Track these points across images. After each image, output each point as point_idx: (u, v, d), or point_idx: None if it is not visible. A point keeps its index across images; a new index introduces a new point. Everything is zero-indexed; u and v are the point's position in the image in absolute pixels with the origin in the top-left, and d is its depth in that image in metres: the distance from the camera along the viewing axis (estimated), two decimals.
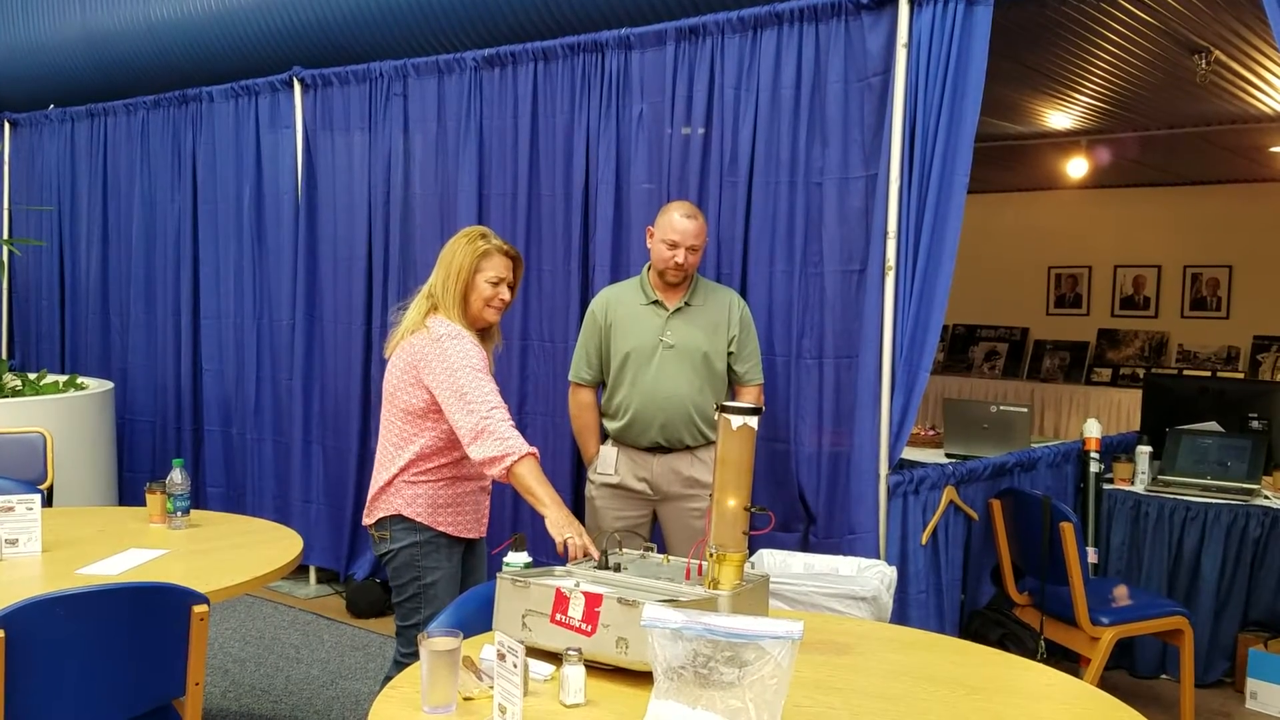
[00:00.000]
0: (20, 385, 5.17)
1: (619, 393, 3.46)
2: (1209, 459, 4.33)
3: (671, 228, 3.36)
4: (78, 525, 3.22)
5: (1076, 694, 2.05)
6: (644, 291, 3.48)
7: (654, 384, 3.40)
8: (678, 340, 3.41)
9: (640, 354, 3.42)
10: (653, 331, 3.43)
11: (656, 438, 3.42)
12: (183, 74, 5.66)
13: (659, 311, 3.44)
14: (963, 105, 3.39)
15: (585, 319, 3.59)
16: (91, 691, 2.26)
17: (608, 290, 3.62)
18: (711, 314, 3.47)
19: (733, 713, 1.72)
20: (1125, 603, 3.74)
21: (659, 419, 3.40)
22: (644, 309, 3.46)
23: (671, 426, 3.42)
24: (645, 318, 3.45)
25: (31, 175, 6.52)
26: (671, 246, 3.35)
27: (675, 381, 3.39)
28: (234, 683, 4.03)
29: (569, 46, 4.29)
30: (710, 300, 3.49)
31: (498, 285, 2.88)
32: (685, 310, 3.44)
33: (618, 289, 3.60)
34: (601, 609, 1.94)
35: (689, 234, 3.35)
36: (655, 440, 3.43)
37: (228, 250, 5.47)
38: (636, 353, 3.43)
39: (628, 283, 3.60)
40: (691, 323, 3.44)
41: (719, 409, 2.26)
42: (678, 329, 3.42)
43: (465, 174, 4.61)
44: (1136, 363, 8.91)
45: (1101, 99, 5.85)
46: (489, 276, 2.86)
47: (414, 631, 2.81)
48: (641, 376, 3.41)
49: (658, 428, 3.41)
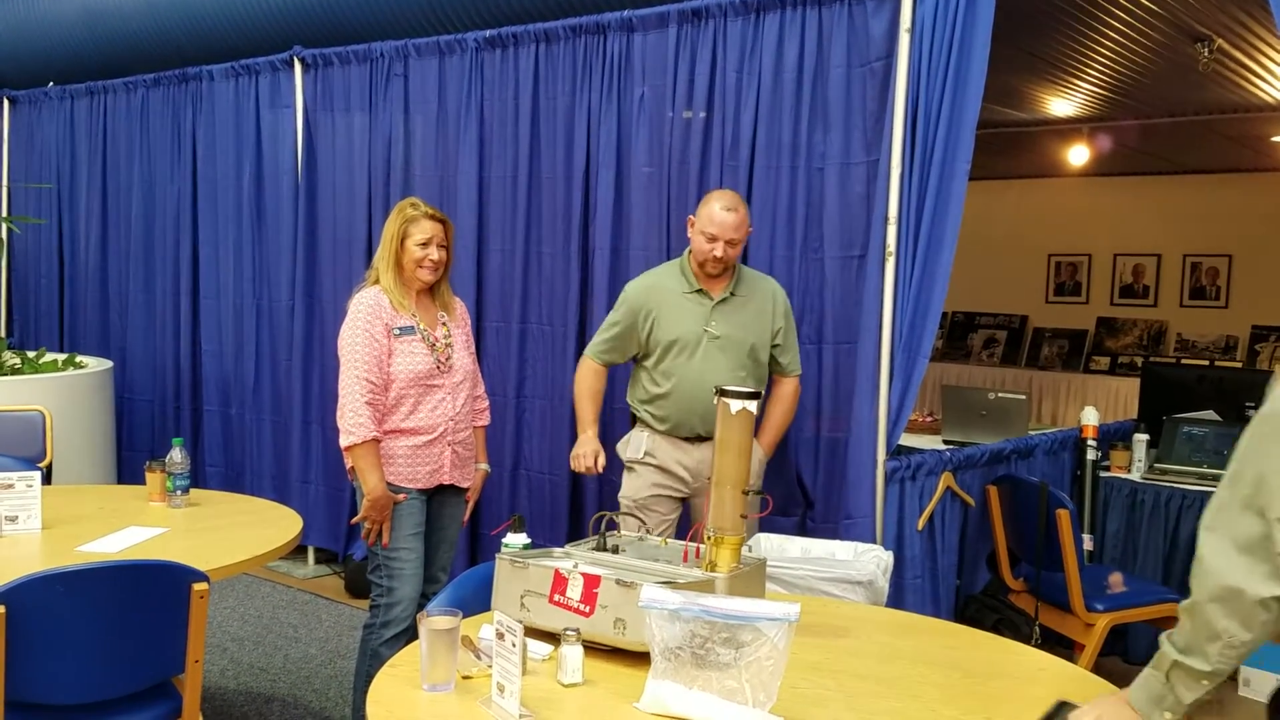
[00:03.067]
0: (19, 363, 5.17)
1: (661, 382, 3.37)
2: (1206, 448, 4.34)
3: (711, 220, 3.25)
4: (77, 503, 3.23)
5: (1070, 677, 2.07)
6: (686, 279, 3.38)
7: (699, 374, 3.30)
8: (723, 331, 3.33)
9: (685, 344, 3.33)
10: (697, 321, 3.33)
11: (698, 428, 3.35)
12: (183, 52, 5.64)
13: (703, 301, 3.35)
14: (965, 91, 3.38)
15: (620, 304, 3.46)
16: (91, 668, 2.27)
17: (646, 277, 3.49)
18: (756, 304, 3.40)
19: (729, 693, 1.73)
20: (1120, 590, 3.76)
21: (700, 409, 3.31)
22: (687, 298, 3.36)
23: (713, 417, 3.27)
24: (688, 307, 3.35)
25: (31, 153, 6.50)
26: (711, 240, 3.25)
27: (719, 372, 3.28)
28: (233, 661, 4.04)
29: (571, 28, 4.28)
30: (754, 290, 3.42)
31: (426, 246, 3.11)
32: (730, 300, 3.36)
33: (657, 276, 3.47)
34: (599, 590, 1.95)
35: (728, 227, 3.24)
36: (696, 431, 3.36)
37: (227, 230, 5.47)
38: (681, 342, 3.34)
39: (665, 269, 3.48)
40: (737, 313, 3.36)
41: (717, 393, 2.26)
42: (723, 319, 3.34)
43: (465, 155, 4.60)
44: (1135, 351, 8.92)
45: (1103, 86, 5.84)
46: (417, 240, 3.11)
47: (376, 576, 3.17)
48: (686, 366, 3.33)
49: (699, 418, 3.33)
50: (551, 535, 4.33)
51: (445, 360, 3.16)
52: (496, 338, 4.59)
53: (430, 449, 3.14)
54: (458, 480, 3.25)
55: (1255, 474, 1.56)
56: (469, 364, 3.27)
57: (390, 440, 3.10)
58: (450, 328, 3.23)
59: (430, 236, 3.12)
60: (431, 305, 3.22)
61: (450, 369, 3.18)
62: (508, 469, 4.57)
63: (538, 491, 4.49)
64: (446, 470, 3.20)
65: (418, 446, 3.12)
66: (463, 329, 3.29)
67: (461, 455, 3.24)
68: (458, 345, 3.23)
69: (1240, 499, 1.59)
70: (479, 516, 4.67)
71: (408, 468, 3.12)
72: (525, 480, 4.54)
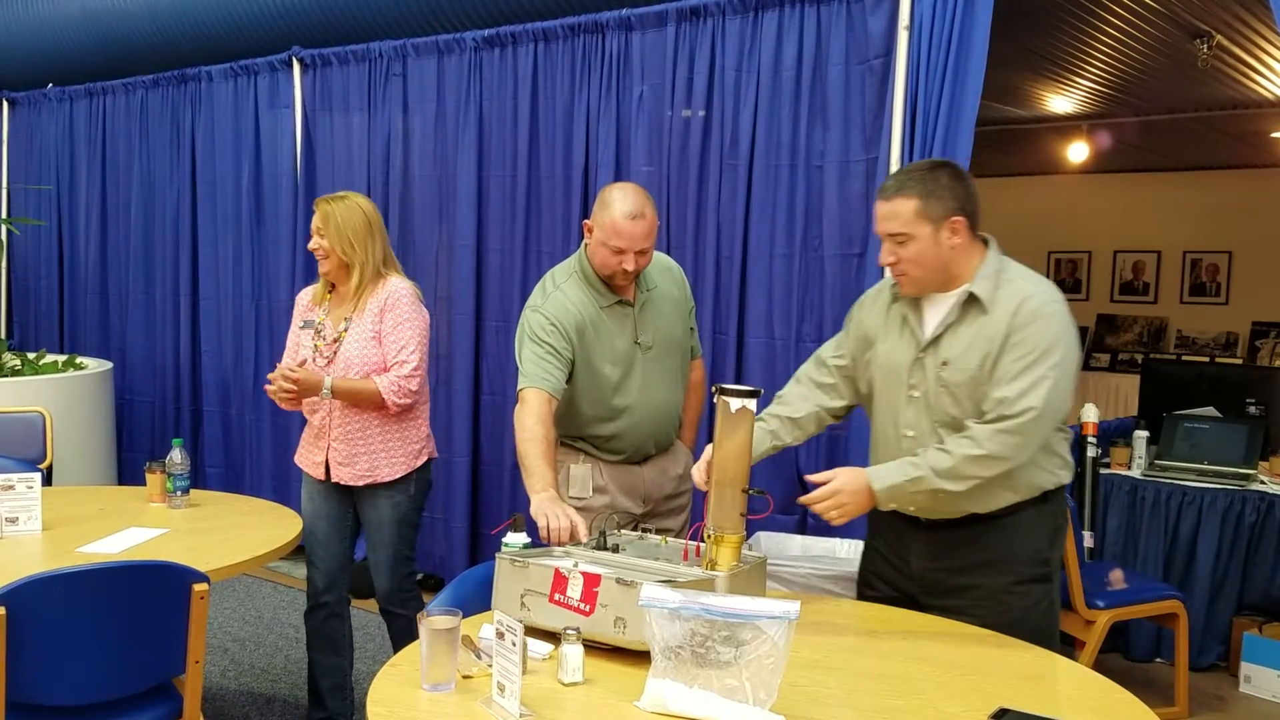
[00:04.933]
0: (19, 365, 5.17)
1: (605, 416, 2.85)
2: (1206, 444, 4.34)
3: (617, 233, 2.69)
4: (77, 504, 3.22)
5: (1070, 674, 2.07)
6: (600, 292, 2.82)
7: (642, 397, 2.86)
8: (654, 339, 2.88)
9: (622, 368, 2.84)
10: (627, 337, 2.84)
11: (649, 450, 2.93)
12: (182, 53, 5.64)
13: (625, 311, 2.84)
14: (964, 89, 3.38)
15: (539, 328, 2.77)
16: (92, 669, 2.27)
17: (555, 296, 2.82)
18: (667, 293, 2.94)
19: (729, 691, 1.73)
20: (1121, 586, 3.76)
21: (651, 429, 2.90)
22: (609, 312, 2.83)
23: (663, 433, 2.95)
24: (615, 323, 2.83)
25: (30, 154, 6.50)
26: (618, 253, 2.71)
27: (660, 387, 2.89)
28: (233, 662, 4.04)
29: (569, 27, 4.28)
30: (660, 277, 2.94)
31: (312, 237, 3.19)
32: (647, 301, 2.88)
33: (568, 294, 2.82)
34: (600, 589, 1.95)
35: (638, 237, 2.70)
36: (648, 453, 2.94)
37: (226, 231, 5.46)
38: (617, 367, 2.83)
39: (569, 285, 2.84)
40: (656, 312, 2.90)
41: (717, 390, 2.25)
42: (648, 326, 2.87)
43: (464, 155, 4.60)
44: (1135, 348, 8.92)
45: (1103, 83, 5.84)
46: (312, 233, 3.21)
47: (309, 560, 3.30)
48: (628, 392, 2.84)
49: (650, 439, 2.91)
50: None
51: (328, 355, 3.12)
52: (496, 337, 4.59)
53: (315, 440, 3.24)
54: (342, 479, 3.17)
55: None
56: (361, 358, 3.09)
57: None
58: (352, 322, 3.13)
59: (315, 227, 3.16)
60: (347, 299, 3.17)
61: (331, 363, 3.11)
62: (507, 468, 4.57)
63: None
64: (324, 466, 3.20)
65: (309, 431, 3.27)
66: (373, 320, 3.11)
67: (344, 453, 3.15)
68: (350, 339, 3.11)
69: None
70: (479, 515, 4.68)
71: (305, 453, 3.29)
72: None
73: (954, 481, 2.23)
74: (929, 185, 2.30)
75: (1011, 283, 2.31)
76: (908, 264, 2.32)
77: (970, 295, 2.30)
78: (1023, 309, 2.26)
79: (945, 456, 2.24)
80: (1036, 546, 2.38)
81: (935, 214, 2.29)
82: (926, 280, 2.34)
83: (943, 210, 2.29)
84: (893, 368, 2.42)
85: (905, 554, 2.44)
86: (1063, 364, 2.23)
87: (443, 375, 4.72)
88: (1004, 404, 2.23)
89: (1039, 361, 2.22)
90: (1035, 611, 2.37)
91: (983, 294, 2.29)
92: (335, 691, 3.35)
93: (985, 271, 2.32)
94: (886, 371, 2.43)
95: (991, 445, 2.21)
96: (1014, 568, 2.36)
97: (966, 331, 2.31)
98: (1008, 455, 2.23)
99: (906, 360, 2.39)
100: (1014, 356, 2.24)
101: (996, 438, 2.21)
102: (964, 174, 2.36)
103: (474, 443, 4.65)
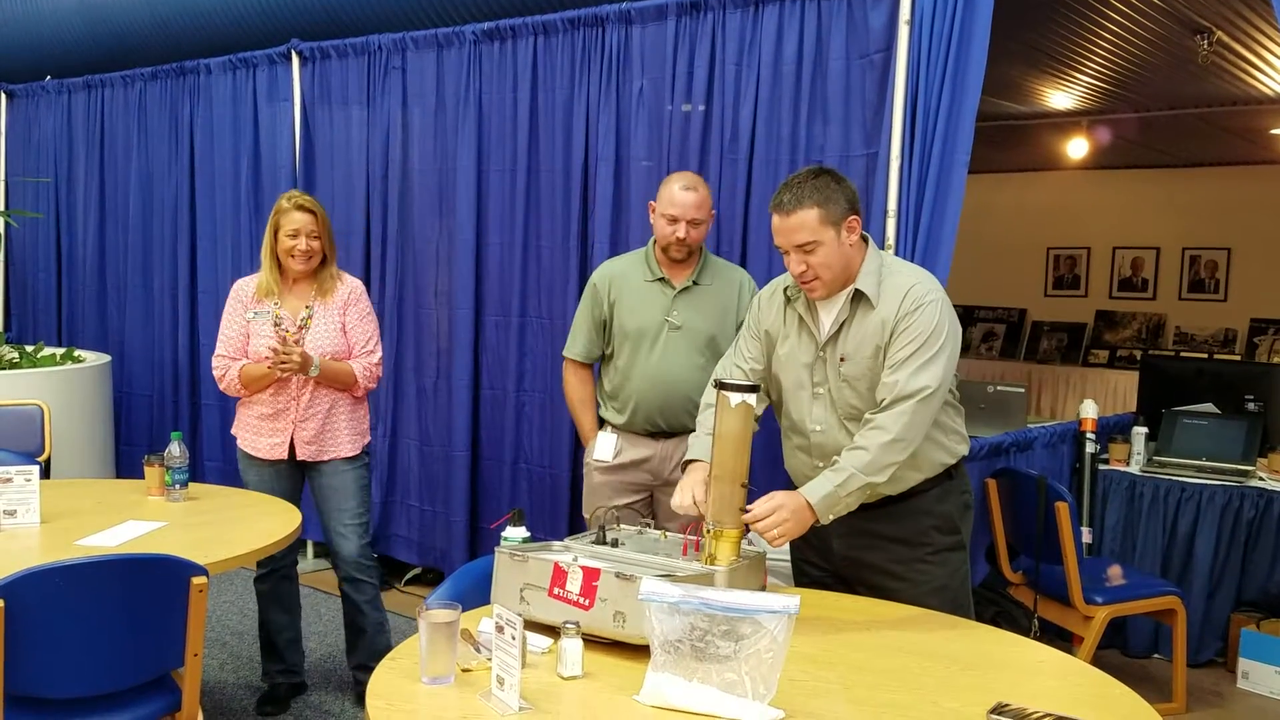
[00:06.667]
0: (17, 357, 5.17)
1: (619, 374, 3.31)
2: (1204, 440, 4.34)
3: (671, 201, 3.18)
4: (76, 497, 3.22)
5: (1069, 669, 2.07)
6: (649, 267, 3.30)
7: (657, 367, 3.24)
8: (684, 321, 3.24)
9: (644, 334, 3.26)
10: (658, 310, 3.26)
11: (657, 421, 3.27)
12: (180, 46, 5.63)
13: (664, 289, 3.27)
14: (964, 84, 3.37)
15: (585, 293, 3.43)
16: (90, 662, 2.27)
17: (610, 264, 3.45)
18: (721, 295, 3.30)
19: (729, 685, 1.73)
20: (1119, 582, 3.76)
21: (658, 403, 3.24)
22: (649, 286, 3.29)
23: (671, 411, 3.25)
24: (650, 296, 3.28)
25: (28, 147, 6.48)
26: (671, 221, 3.18)
27: (678, 364, 3.22)
28: (232, 655, 4.05)
29: (569, 20, 4.27)
30: (720, 280, 3.32)
31: (295, 237, 3.36)
32: (693, 289, 3.28)
33: (621, 263, 3.42)
34: (599, 583, 1.95)
35: (689, 207, 3.17)
36: (656, 424, 3.27)
37: (225, 223, 5.45)
38: (639, 333, 3.26)
39: (631, 256, 3.43)
40: (699, 303, 3.27)
41: (717, 386, 2.26)
42: (684, 309, 3.26)
43: (464, 149, 4.59)
44: (1134, 344, 8.92)
45: (1102, 79, 5.84)
46: (286, 231, 3.37)
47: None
48: (644, 359, 3.26)
49: (657, 412, 3.25)
50: (551, 529, 4.33)
51: (295, 342, 3.36)
52: (495, 331, 4.59)
53: (272, 423, 3.43)
54: (308, 456, 3.44)
55: None
56: (331, 344, 3.41)
57: (243, 409, 3.50)
58: (316, 310, 3.42)
59: (299, 228, 3.36)
60: (308, 290, 3.44)
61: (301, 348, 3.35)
62: (508, 463, 4.57)
63: (538, 485, 4.49)
64: (282, 441, 3.42)
65: (261, 418, 3.44)
66: (338, 311, 3.45)
67: (312, 431, 3.42)
68: (317, 327, 3.41)
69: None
70: (478, 509, 4.68)
71: (252, 436, 3.47)
72: (525, 474, 4.54)
73: (877, 473, 2.35)
74: (824, 192, 2.41)
75: (893, 276, 2.48)
76: (819, 269, 2.43)
77: (857, 292, 2.46)
78: (907, 299, 2.42)
79: (862, 452, 2.35)
80: (948, 516, 2.59)
81: (835, 217, 2.42)
82: (835, 282, 2.46)
83: (839, 212, 2.43)
84: (796, 367, 2.56)
85: (827, 539, 2.58)
86: (947, 344, 2.41)
87: (442, 369, 4.72)
88: (899, 386, 2.37)
89: (927, 344, 2.39)
90: (956, 578, 2.59)
91: (868, 290, 2.45)
92: (292, 645, 3.64)
93: (868, 269, 2.48)
94: (791, 372, 2.58)
95: (896, 428, 2.35)
96: (930, 538, 2.55)
97: (859, 327, 2.47)
98: (913, 436, 2.38)
99: (809, 359, 2.55)
100: (903, 342, 2.40)
101: (900, 420, 2.35)
102: (842, 175, 2.50)
103: (474, 437, 4.65)
